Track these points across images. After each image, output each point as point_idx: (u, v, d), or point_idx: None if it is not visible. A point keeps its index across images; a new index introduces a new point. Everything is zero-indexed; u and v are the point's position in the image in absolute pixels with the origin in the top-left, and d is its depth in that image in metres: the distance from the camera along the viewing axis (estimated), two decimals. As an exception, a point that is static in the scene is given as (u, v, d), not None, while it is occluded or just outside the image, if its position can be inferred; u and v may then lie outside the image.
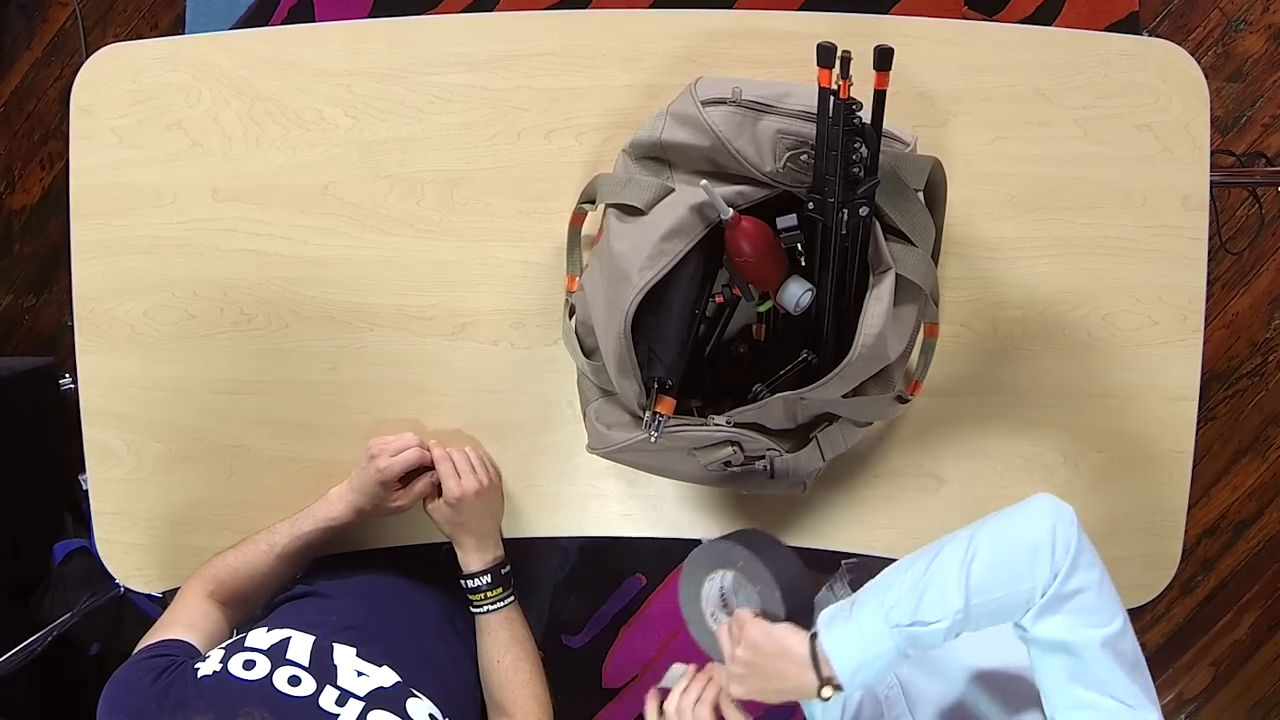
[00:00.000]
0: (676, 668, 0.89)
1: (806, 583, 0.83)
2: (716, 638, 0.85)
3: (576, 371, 1.01)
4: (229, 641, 0.88)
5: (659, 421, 0.86)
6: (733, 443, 0.90)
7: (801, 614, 0.81)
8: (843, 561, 1.19)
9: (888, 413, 0.97)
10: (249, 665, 0.82)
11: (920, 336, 0.98)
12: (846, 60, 0.76)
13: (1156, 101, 1.05)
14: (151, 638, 0.90)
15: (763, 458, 0.92)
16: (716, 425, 0.89)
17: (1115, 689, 0.67)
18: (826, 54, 0.76)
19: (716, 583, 0.89)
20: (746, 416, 0.89)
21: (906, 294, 0.87)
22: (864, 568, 1.15)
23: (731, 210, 0.85)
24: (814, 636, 0.74)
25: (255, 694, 0.80)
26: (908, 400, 0.97)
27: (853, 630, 0.72)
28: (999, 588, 0.69)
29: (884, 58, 0.76)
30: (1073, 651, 0.67)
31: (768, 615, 0.81)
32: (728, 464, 0.92)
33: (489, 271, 1.08)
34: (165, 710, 0.79)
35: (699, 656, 0.89)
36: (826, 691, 0.73)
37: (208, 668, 0.82)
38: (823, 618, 0.75)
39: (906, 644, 0.70)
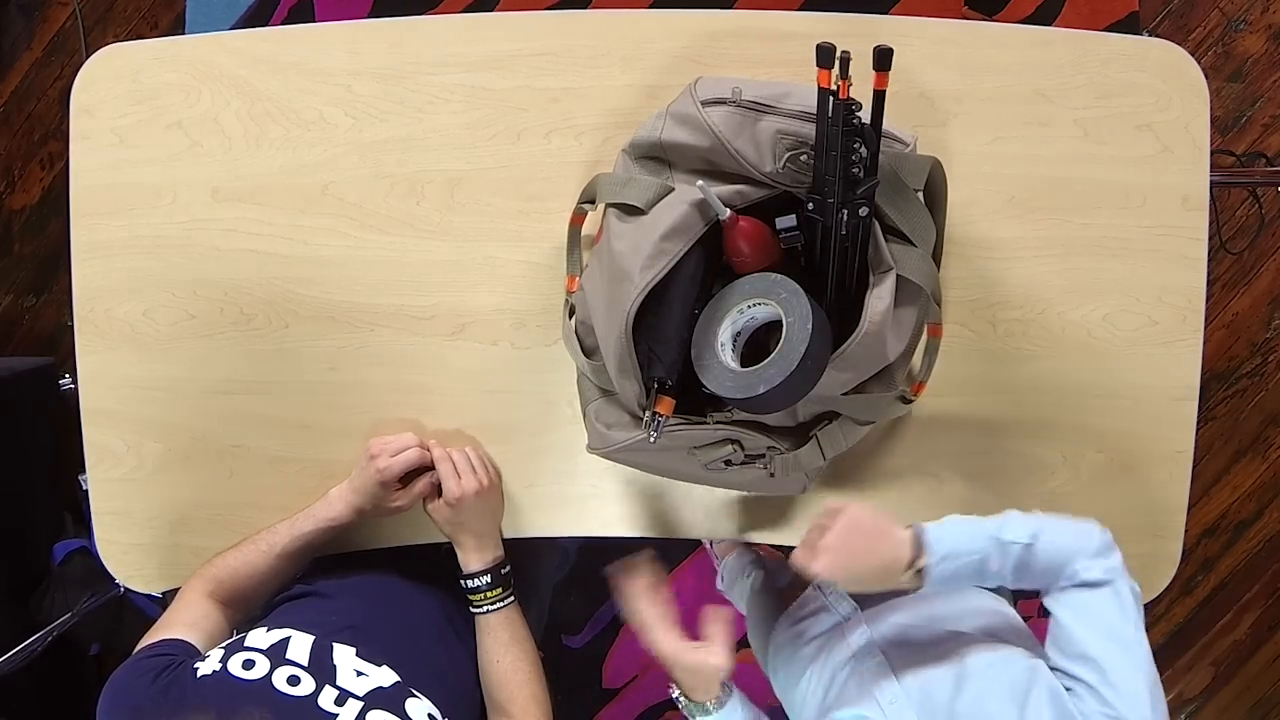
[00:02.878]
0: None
1: (829, 341, 0.83)
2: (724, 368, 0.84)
3: (576, 371, 1.01)
4: (229, 641, 0.88)
5: (658, 421, 0.86)
6: (733, 440, 0.90)
7: (817, 367, 0.81)
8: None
9: (890, 412, 0.97)
10: (248, 665, 0.82)
11: (924, 337, 0.98)
12: (846, 60, 0.76)
13: (1156, 101, 1.05)
14: (151, 637, 0.90)
15: (763, 455, 0.92)
16: (716, 423, 0.89)
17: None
18: (826, 54, 0.76)
19: (747, 315, 0.87)
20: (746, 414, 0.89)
21: (907, 295, 0.87)
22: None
23: (729, 210, 0.85)
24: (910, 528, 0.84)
25: (254, 694, 0.80)
26: (911, 401, 0.97)
27: (950, 527, 0.84)
28: (1063, 537, 0.83)
29: (883, 58, 0.76)
30: (1115, 590, 0.80)
31: (785, 352, 0.80)
32: (728, 462, 0.92)
33: (489, 271, 1.08)
34: (164, 710, 0.79)
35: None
36: (906, 577, 0.81)
37: (207, 667, 0.82)
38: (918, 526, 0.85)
39: (992, 549, 0.82)
